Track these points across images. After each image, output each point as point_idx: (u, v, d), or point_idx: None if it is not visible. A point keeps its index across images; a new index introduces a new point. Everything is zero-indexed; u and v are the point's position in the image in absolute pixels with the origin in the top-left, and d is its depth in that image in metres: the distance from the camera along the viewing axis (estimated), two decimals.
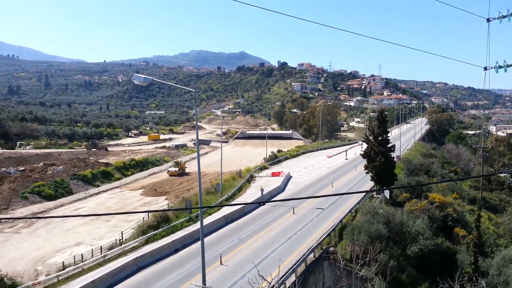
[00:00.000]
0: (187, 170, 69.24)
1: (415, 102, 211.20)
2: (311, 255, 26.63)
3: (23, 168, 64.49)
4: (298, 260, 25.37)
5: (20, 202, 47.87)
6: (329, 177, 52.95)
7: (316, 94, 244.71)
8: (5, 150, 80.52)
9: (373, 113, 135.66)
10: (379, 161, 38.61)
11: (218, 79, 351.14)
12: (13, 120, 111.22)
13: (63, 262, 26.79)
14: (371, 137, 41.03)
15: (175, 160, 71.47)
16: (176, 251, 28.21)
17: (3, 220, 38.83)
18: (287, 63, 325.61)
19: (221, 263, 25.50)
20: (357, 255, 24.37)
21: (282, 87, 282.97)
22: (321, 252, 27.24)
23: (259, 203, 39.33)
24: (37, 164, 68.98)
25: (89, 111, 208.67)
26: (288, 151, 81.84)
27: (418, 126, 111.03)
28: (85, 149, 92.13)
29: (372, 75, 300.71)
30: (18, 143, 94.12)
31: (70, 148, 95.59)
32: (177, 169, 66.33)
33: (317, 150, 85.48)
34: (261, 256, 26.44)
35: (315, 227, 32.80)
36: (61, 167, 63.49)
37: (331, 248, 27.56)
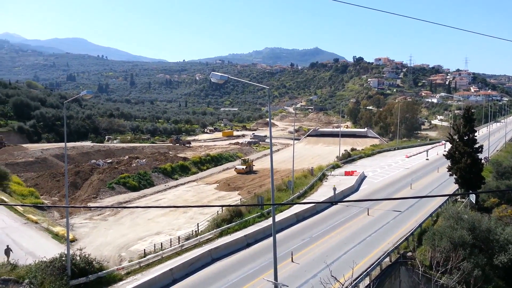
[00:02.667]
0: (255, 168, 69.29)
1: (507, 99, 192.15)
2: (387, 259, 25.52)
3: (110, 161, 70.04)
4: (373, 263, 24.46)
5: (107, 192, 52.10)
6: (408, 178, 50.28)
7: (394, 90, 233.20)
8: (95, 144, 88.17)
9: (458, 111, 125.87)
10: (465, 162, 35.75)
11: (291, 76, 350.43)
12: (102, 116, 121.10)
13: (144, 249, 28.61)
14: (455, 137, 38.16)
15: (243, 158, 72.23)
16: (248, 245, 28.73)
17: (92, 208, 42.58)
18: (363, 58, 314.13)
19: (292, 261, 25.46)
20: (438, 262, 22.78)
21: (357, 83, 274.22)
22: (397, 257, 25.98)
23: (331, 202, 38.59)
24: (123, 157, 74.56)
25: (169, 108, 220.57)
26: (362, 149, 79.18)
27: (510, 125, 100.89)
28: (170, 144, 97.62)
29: (458, 70, 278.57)
30: (106, 137, 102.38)
31: (152, 142, 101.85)
32: (244, 167, 66.15)
33: (394, 149, 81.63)
34: (333, 257, 25.92)
35: (391, 230, 31.35)
36: (144, 160, 67.85)
37: (409, 253, 26.15)
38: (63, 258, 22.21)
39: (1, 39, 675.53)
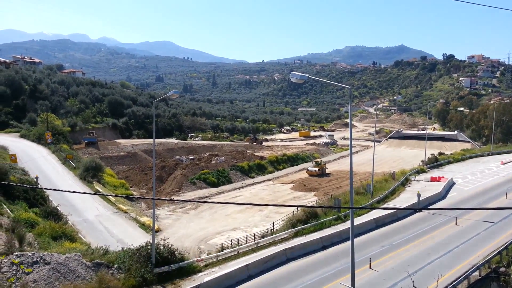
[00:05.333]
0: (329, 170, 67.15)
1: None
2: (476, 273, 23.45)
3: (192, 157, 73.53)
4: (460, 277, 22.63)
5: (189, 187, 54.78)
6: (503, 186, 45.65)
7: (489, 90, 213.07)
8: (179, 141, 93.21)
9: None
10: None
11: (373, 75, 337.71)
12: (186, 114, 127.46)
13: (221, 244, 29.51)
14: None
15: (315, 160, 70.67)
16: (324, 248, 28.23)
17: (175, 201, 45.07)
18: (453, 56, 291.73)
19: (370, 267, 24.49)
20: None
21: (446, 82, 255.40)
22: (488, 271, 23.74)
23: (415, 209, 36.43)
24: (203, 154, 77.89)
25: (247, 108, 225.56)
26: (451, 154, 73.60)
27: None
28: (247, 142, 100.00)
29: None
30: (189, 135, 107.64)
31: (231, 141, 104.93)
32: (316, 169, 63.96)
33: (487, 154, 74.64)
34: (415, 266, 24.42)
35: (482, 242, 28.69)
36: (223, 158, 70.18)
37: (502, 268, 23.71)
38: (149, 247, 23.66)
39: (98, 42, 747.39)
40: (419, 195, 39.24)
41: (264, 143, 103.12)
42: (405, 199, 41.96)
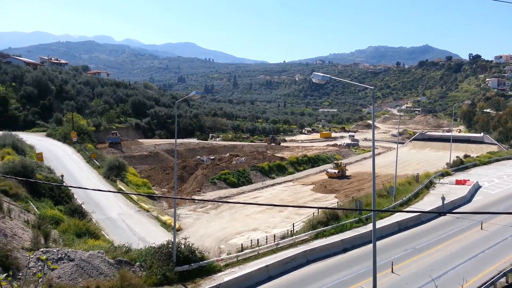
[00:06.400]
0: (349, 172, 65.91)
1: None
2: (503, 279, 22.76)
3: (213, 157, 73.98)
4: (485, 283, 22.00)
5: (209, 187, 55.13)
6: None
7: None
8: (200, 141, 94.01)
9: None
10: None
11: (396, 76, 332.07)
12: (207, 115, 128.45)
13: (241, 244, 29.56)
14: None
15: (335, 162, 69.61)
16: (345, 250, 27.91)
17: (196, 201, 45.44)
18: (480, 56, 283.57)
19: (392, 271, 24.05)
20: None
21: (473, 83, 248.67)
22: None
23: (439, 212, 35.65)
24: (224, 154, 78.25)
25: (268, 108, 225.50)
26: (477, 157, 71.59)
27: None
28: (266, 143, 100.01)
29: None
30: (210, 135, 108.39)
31: (251, 141, 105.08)
32: (336, 171, 62.86)
33: None
34: (438, 271, 23.87)
35: (509, 247, 27.82)
36: (243, 158, 70.34)
37: None
38: (170, 246, 23.92)
39: (122, 44, 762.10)
40: (443, 199, 38.33)
41: (283, 144, 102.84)
42: (429, 202, 41.09)
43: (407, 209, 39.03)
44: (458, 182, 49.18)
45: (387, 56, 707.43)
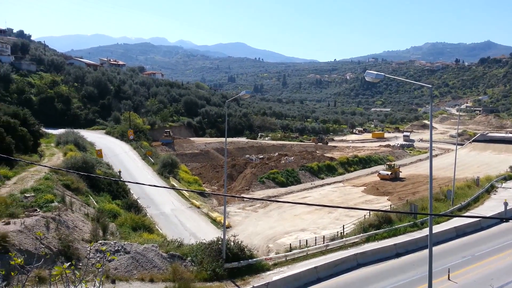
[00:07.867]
0: (406, 174, 63.45)
1: None
2: None
3: (262, 156, 74.33)
4: None
5: (258, 185, 55.47)
6: None
7: None
8: (249, 140, 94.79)
9: None
10: None
11: (455, 73, 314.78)
12: (256, 114, 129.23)
13: (290, 244, 29.41)
14: None
15: (388, 163, 66.92)
16: (398, 255, 26.92)
17: (245, 199, 45.89)
18: None
19: (448, 279, 22.86)
20: None
21: None
22: None
23: (501, 218, 33.39)
24: (273, 153, 78.39)
25: (318, 108, 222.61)
26: None
27: None
28: (313, 143, 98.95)
29: None
30: (259, 134, 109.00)
31: (300, 141, 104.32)
32: (389, 172, 60.69)
33: None
34: (500, 281, 22.38)
35: None
36: (292, 158, 70.01)
37: None
38: (219, 242, 24.32)
39: (176, 45, 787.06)
40: (506, 204, 35.86)
41: (330, 144, 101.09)
42: (490, 207, 38.69)
43: (466, 214, 36.97)
44: None
45: (445, 53, 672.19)
